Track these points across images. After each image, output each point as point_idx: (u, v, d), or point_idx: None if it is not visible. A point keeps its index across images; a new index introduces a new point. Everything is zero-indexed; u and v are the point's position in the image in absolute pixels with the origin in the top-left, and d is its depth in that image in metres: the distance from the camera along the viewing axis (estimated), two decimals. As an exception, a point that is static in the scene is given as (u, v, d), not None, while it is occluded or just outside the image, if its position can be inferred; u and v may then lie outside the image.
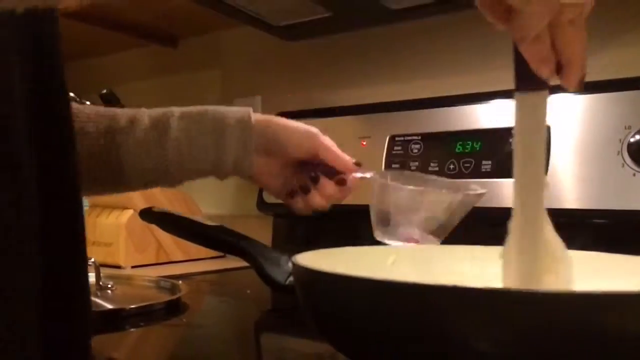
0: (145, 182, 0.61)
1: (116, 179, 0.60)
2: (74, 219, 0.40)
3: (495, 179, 0.86)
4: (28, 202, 0.34)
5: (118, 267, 1.07)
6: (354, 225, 0.96)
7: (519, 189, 0.40)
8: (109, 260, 1.06)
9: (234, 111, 0.62)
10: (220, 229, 0.69)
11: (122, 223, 1.07)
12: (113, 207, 1.11)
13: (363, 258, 0.56)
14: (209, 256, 1.24)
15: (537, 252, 0.39)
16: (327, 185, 0.63)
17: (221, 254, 1.27)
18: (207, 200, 1.41)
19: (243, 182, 1.24)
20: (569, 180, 0.80)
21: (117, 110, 0.61)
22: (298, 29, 1.11)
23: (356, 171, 0.63)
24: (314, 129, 0.64)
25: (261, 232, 1.18)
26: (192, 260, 1.21)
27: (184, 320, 0.68)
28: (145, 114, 0.60)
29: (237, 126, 0.60)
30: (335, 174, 0.63)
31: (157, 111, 0.60)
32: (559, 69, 0.36)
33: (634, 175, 0.75)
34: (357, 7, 0.99)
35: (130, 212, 1.08)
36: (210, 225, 0.70)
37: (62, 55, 0.38)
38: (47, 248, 0.37)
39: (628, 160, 0.76)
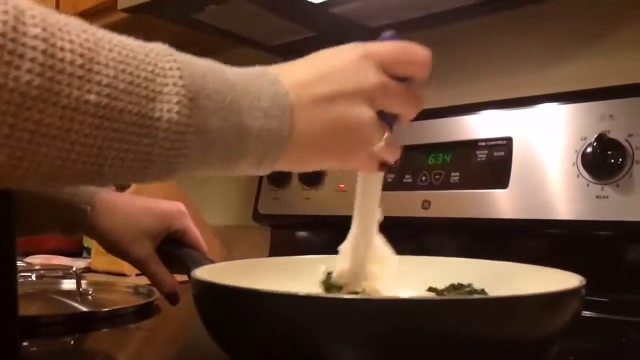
0: None
1: None
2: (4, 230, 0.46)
3: (463, 190, 0.89)
4: None
5: (123, 275, 1.14)
6: None
7: (358, 213, 0.52)
8: (114, 269, 1.14)
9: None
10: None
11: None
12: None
13: (294, 267, 0.61)
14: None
15: (367, 249, 0.52)
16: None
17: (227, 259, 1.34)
18: (210, 210, 1.48)
19: (244, 193, 1.30)
20: (528, 191, 0.82)
21: None
22: (288, 47, 1.16)
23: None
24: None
25: (262, 241, 1.23)
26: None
27: (149, 324, 0.74)
28: None
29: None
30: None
31: None
32: None
33: (588, 185, 0.77)
34: (338, 28, 1.04)
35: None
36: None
37: None
38: None
39: (582, 170, 0.77)
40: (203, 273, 0.48)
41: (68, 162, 0.31)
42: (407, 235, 0.99)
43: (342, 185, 1.05)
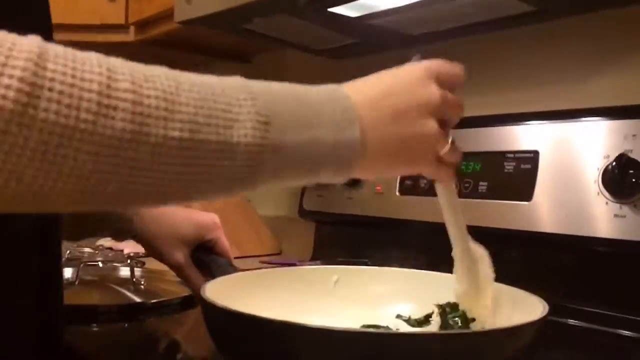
0: None
1: None
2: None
3: (490, 200, 0.92)
4: None
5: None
6: (398, 235, 1.06)
7: (452, 229, 0.61)
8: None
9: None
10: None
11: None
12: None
13: (305, 277, 0.67)
14: (265, 253, 1.39)
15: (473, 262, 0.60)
16: None
17: (277, 251, 1.43)
18: (262, 202, 1.57)
19: (293, 188, 1.37)
20: (551, 205, 0.84)
21: None
22: (335, 51, 1.22)
23: None
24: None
25: (307, 234, 1.31)
26: (246, 257, 1.36)
27: (193, 314, 0.83)
28: None
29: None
30: None
31: None
32: None
33: (607, 204, 0.78)
34: (378, 36, 1.08)
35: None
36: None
37: None
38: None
39: (602, 188, 0.79)
40: (214, 286, 0.56)
41: (161, 189, 0.38)
42: (433, 242, 1.03)
43: (378, 188, 1.10)
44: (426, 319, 0.61)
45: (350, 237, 1.20)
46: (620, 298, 0.78)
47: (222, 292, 0.54)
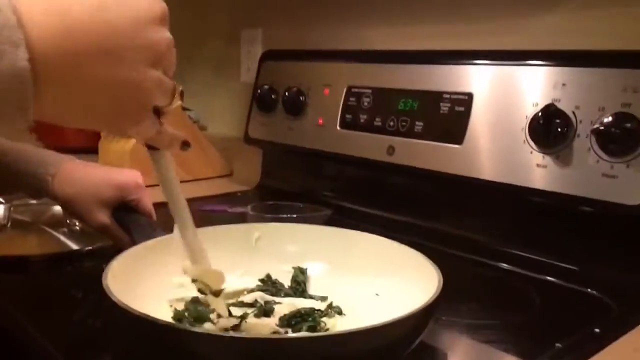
0: None
1: None
2: None
3: (424, 140, 0.92)
4: None
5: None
6: (339, 169, 1.07)
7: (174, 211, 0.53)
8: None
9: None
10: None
11: (126, 150, 1.24)
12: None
13: (228, 235, 0.68)
14: (215, 175, 1.39)
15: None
16: None
17: (228, 172, 1.43)
18: (214, 119, 1.55)
19: (245, 107, 1.35)
20: (480, 150, 0.85)
21: None
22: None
23: None
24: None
25: (256, 159, 1.30)
26: (197, 179, 1.36)
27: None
28: None
29: None
30: None
31: None
32: None
33: (531, 153, 0.79)
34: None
35: (134, 140, 1.24)
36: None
37: None
38: None
39: (528, 137, 0.79)
40: (122, 259, 0.56)
41: None
42: (370, 179, 1.04)
43: (320, 120, 1.09)
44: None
45: (295, 167, 1.20)
46: (540, 244, 0.81)
47: (139, 260, 0.56)
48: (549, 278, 0.77)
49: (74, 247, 0.84)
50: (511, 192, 0.81)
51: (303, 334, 0.51)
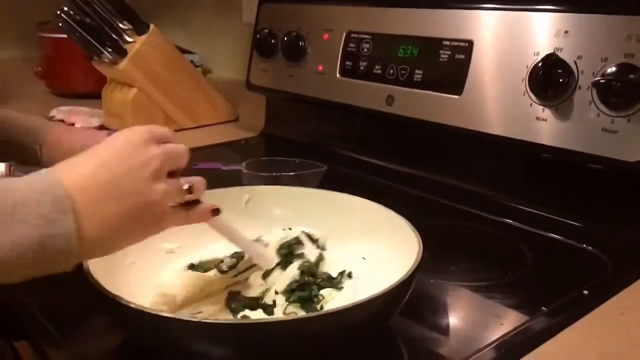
0: None
1: None
2: None
3: (424, 90, 0.89)
4: None
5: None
6: (339, 118, 1.06)
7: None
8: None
9: None
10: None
11: (128, 99, 1.23)
12: (124, 84, 1.26)
13: (219, 199, 0.67)
14: (221, 121, 1.38)
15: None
16: None
17: (233, 118, 1.41)
18: (218, 63, 1.52)
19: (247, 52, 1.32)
20: (479, 101, 0.82)
21: None
22: None
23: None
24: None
25: (260, 103, 1.29)
26: (203, 126, 1.35)
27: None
28: None
29: None
30: None
31: None
32: None
33: (531, 105, 0.76)
34: None
35: (135, 89, 1.22)
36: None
37: None
38: None
39: (528, 88, 0.76)
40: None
41: None
42: (370, 129, 1.03)
43: (320, 67, 1.06)
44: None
45: (296, 114, 1.18)
46: (538, 198, 0.80)
47: None
48: (545, 233, 0.76)
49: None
50: (509, 145, 0.79)
51: (271, 318, 0.52)
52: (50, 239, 0.39)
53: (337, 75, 1.03)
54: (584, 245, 0.72)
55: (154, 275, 0.60)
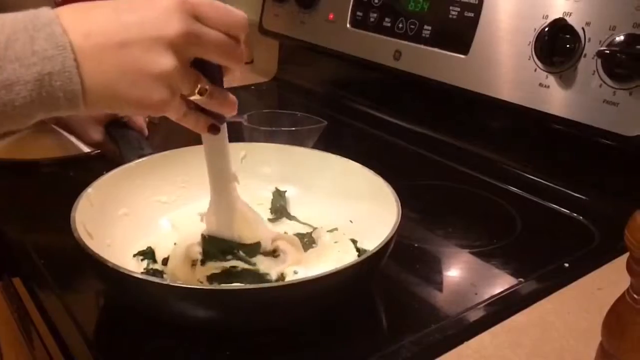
0: None
1: None
2: None
3: (431, 47, 0.88)
4: None
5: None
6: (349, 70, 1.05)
7: (210, 174, 0.54)
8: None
9: None
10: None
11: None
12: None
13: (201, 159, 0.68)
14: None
15: (230, 213, 0.54)
16: None
17: (248, 60, 1.40)
18: (237, 2, 1.49)
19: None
20: (484, 62, 0.80)
21: None
22: None
23: None
24: None
25: (274, 46, 1.27)
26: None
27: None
28: None
29: None
30: None
31: None
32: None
33: (535, 70, 0.75)
34: None
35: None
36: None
37: None
38: None
39: (533, 53, 0.74)
40: (103, 181, 0.59)
41: None
42: (377, 82, 1.02)
43: (331, 16, 1.04)
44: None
45: (306, 62, 1.18)
46: (536, 164, 0.80)
47: (122, 181, 0.59)
48: (538, 200, 0.76)
49: (85, 149, 0.87)
50: (511, 110, 0.78)
51: (235, 285, 0.53)
52: (47, 77, 0.37)
53: (348, 25, 1.01)
54: (575, 214, 0.72)
55: (145, 227, 0.62)
